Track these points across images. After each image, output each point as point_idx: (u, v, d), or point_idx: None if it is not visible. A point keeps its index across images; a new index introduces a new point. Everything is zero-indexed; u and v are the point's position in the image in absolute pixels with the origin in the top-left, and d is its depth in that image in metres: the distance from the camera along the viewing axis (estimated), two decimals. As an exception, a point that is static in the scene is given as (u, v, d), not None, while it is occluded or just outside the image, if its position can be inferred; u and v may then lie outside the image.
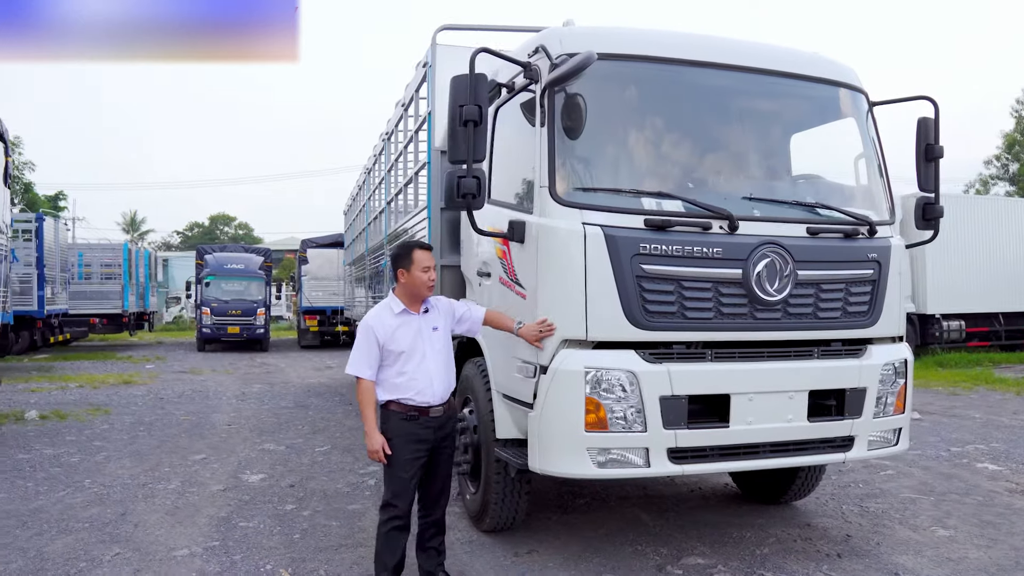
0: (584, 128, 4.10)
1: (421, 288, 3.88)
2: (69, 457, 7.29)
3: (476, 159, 3.96)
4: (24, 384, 13.32)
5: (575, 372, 3.85)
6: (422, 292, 3.90)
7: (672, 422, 3.91)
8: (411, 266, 3.86)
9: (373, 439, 3.76)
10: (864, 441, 4.36)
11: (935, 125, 4.81)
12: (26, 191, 29.18)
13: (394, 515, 3.80)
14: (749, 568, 4.39)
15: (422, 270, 3.86)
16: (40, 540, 4.85)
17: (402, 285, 3.92)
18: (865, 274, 4.37)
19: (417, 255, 3.89)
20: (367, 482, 6.39)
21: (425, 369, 3.85)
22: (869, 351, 4.42)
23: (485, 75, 4.03)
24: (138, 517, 5.35)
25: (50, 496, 5.89)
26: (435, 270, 3.96)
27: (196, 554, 4.61)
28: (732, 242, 4.03)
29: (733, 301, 4.04)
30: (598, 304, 3.88)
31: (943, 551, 4.67)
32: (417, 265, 3.86)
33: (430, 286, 3.90)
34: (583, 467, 3.90)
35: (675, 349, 4.00)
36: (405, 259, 3.89)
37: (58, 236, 17.19)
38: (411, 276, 3.87)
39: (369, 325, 3.84)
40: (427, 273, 3.87)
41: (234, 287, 22.82)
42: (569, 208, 3.96)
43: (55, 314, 17.28)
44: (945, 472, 6.70)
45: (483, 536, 4.96)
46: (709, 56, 4.33)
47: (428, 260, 3.91)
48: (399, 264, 3.91)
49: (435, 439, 3.88)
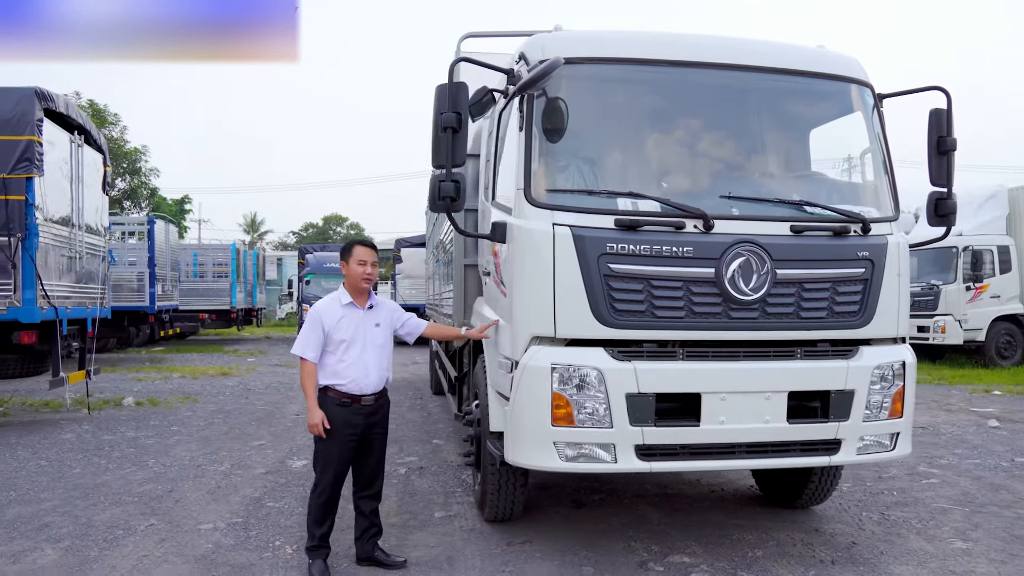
0: (560, 131, 4.21)
1: (357, 280, 4.20)
2: (146, 440, 8.06)
3: (455, 164, 4.16)
4: (134, 373, 14.67)
5: (542, 368, 3.98)
6: (358, 284, 4.21)
7: (639, 419, 3.97)
8: (350, 259, 4.22)
9: (314, 414, 4.13)
10: (852, 445, 4.23)
11: (948, 116, 4.59)
12: (152, 195, 31.82)
13: (323, 490, 4.20)
14: (732, 569, 4.36)
15: (358, 263, 4.19)
16: (93, 510, 5.47)
17: (346, 278, 4.24)
18: (855, 273, 4.24)
19: (356, 250, 4.24)
20: (399, 471, 6.72)
21: (363, 360, 4.17)
22: (861, 352, 4.29)
23: (465, 83, 4.22)
24: (182, 494, 5.90)
25: (116, 473, 6.58)
26: (375, 267, 4.26)
27: (218, 528, 5.07)
28: (705, 241, 4.04)
29: (706, 300, 4.04)
30: (566, 302, 3.99)
31: (950, 564, 4.45)
32: (354, 258, 4.20)
33: (365, 279, 4.21)
34: (550, 460, 4.02)
35: (645, 347, 4.05)
36: (346, 253, 4.27)
37: (169, 237, 18.77)
38: (349, 269, 4.22)
39: (317, 312, 4.21)
40: (363, 267, 4.19)
41: (332, 285, 23.85)
42: (542, 209, 4.09)
43: (165, 310, 18.84)
44: (996, 483, 6.29)
45: (484, 525, 5.15)
46: (689, 55, 4.33)
47: (365, 255, 4.22)
48: (343, 257, 4.28)
49: (365, 424, 4.22)
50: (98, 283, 9.81)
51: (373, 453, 4.33)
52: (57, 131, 8.61)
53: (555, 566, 4.42)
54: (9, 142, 7.72)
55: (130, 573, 4.30)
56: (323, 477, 4.21)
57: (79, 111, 9.27)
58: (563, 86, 4.17)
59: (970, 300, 15.32)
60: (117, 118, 29.76)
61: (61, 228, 8.74)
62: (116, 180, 30.12)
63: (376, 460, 4.36)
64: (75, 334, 9.13)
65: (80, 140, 9.20)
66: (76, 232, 9.11)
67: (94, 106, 28.89)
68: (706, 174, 4.44)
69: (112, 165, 29.65)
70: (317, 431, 4.13)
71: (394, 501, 5.78)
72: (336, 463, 4.19)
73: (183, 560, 4.49)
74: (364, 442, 4.27)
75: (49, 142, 8.19)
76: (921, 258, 16.47)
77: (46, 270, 8.12)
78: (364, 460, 4.32)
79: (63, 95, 8.75)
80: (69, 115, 8.84)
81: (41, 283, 7.86)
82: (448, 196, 4.13)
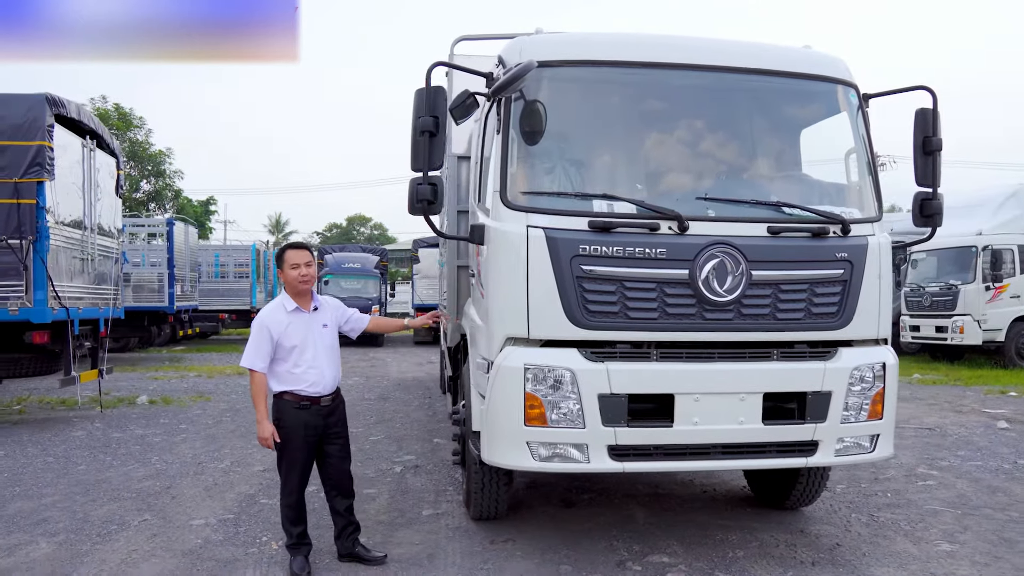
0: (536, 134, 4.24)
1: (295, 283, 4.23)
2: (153, 437, 8.24)
3: (432, 167, 4.21)
4: (152, 372, 14.97)
5: (515, 369, 4.02)
6: (297, 287, 4.25)
7: (612, 420, 3.99)
8: (283, 265, 4.27)
9: (264, 427, 4.16)
10: (830, 446, 4.21)
11: (934, 116, 4.55)
12: (176, 197, 32.36)
13: (290, 492, 4.27)
14: (711, 569, 4.36)
15: (291, 267, 4.22)
16: (91, 505, 5.62)
17: (284, 284, 4.32)
18: (833, 274, 4.22)
19: (288, 255, 4.28)
20: (394, 469, 6.81)
21: (317, 363, 4.23)
22: (839, 354, 4.26)
23: (442, 87, 4.27)
24: (179, 490, 6.04)
25: (119, 469, 6.74)
26: (311, 267, 4.27)
27: (209, 524, 5.18)
28: (678, 243, 4.04)
29: (680, 302, 4.05)
30: (540, 304, 4.03)
31: (932, 566, 4.42)
32: (287, 263, 4.24)
33: (302, 282, 4.24)
34: (524, 460, 4.06)
35: (619, 348, 4.07)
36: (280, 259, 4.32)
37: (188, 239, 19.10)
38: (284, 274, 4.27)
39: (263, 322, 4.22)
40: (297, 270, 4.22)
41: (351, 285, 24.25)
42: (517, 212, 4.13)
43: (185, 310, 19.19)
44: (994, 485, 6.21)
45: (470, 523, 5.20)
46: (667, 57, 4.33)
47: (297, 258, 4.25)
48: (277, 265, 4.34)
49: (324, 425, 4.29)
50: (111, 284, 10.03)
51: (336, 452, 4.38)
52: (69, 136, 8.83)
53: (534, 564, 4.46)
54: (20, 147, 7.94)
55: (118, 567, 4.41)
56: (289, 479, 4.27)
57: (91, 116, 9.49)
58: (540, 89, 4.20)
59: (989, 300, 15.06)
60: (142, 121, 30.35)
61: (73, 231, 8.96)
62: (141, 182, 30.72)
63: (340, 459, 4.41)
64: (88, 334, 9.34)
65: (92, 144, 9.41)
66: (88, 234, 9.33)
67: (120, 110, 29.48)
68: (684, 176, 4.44)
69: (137, 168, 30.27)
70: (267, 445, 4.18)
71: (385, 499, 5.86)
72: (300, 465, 4.26)
73: (171, 555, 4.60)
74: (324, 442, 4.34)
75: (60, 147, 8.40)
76: (941, 258, 16.24)
77: (57, 272, 8.33)
78: (328, 460, 4.38)
79: (75, 101, 8.96)
80: (81, 120, 9.06)
81: (52, 284, 8.07)
82: (425, 199, 4.18)
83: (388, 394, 12.33)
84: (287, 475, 4.29)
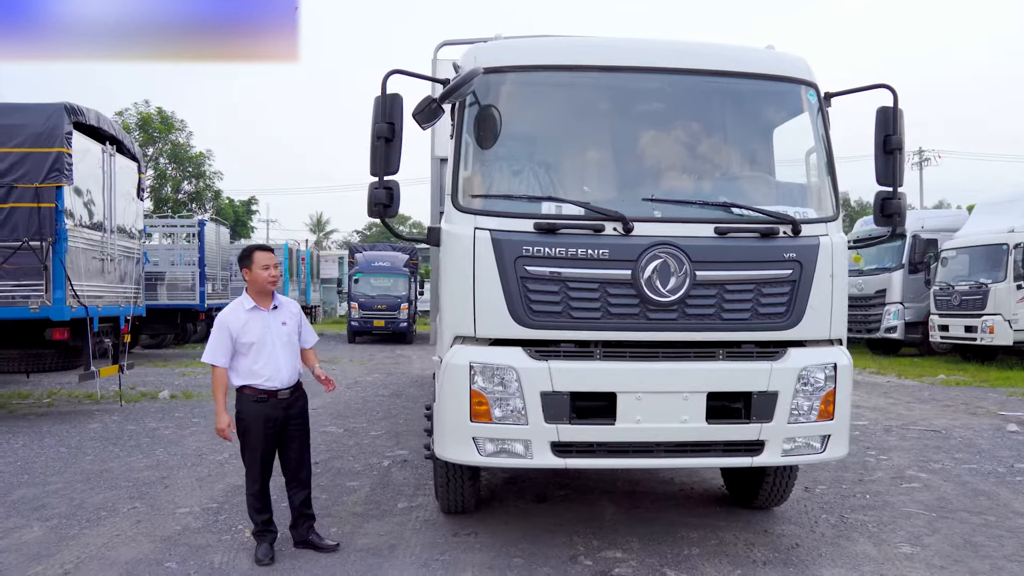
0: (487, 138, 4.36)
1: (263, 283, 4.46)
2: (164, 430, 8.60)
3: (388, 172, 4.37)
4: (181, 368, 15.51)
5: (461, 366, 4.15)
6: (264, 287, 4.48)
7: (554, 417, 4.09)
8: (252, 265, 4.48)
9: (221, 418, 4.43)
10: (777, 446, 4.23)
11: (894, 114, 4.53)
12: (216, 197, 33.31)
13: (254, 480, 4.51)
14: (660, 566, 4.42)
15: (262, 268, 4.46)
16: (89, 493, 5.94)
17: (248, 283, 4.49)
18: (781, 274, 4.24)
19: (256, 255, 4.51)
20: (382, 464, 7.00)
21: (274, 359, 4.43)
22: (788, 354, 4.28)
23: (398, 95, 4.42)
24: (173, 481, 6.33)
25: (123, 460, 7.08)
26: (278, 268, 4.51)
27: (193, 512, 5.43)
28: (622, 243, 4.12)
29: (623, 302, 4.12)
30: (485, 303, 4.15)
31: (885, 568, 4.40)
32: (257, 264, 4.47)
33: (271, 282, 4.48)
34: (470, 455, 4.19)
35: (563, 347, 4.17)
36: (247, 260, 4.53)
37: (219, 238, 19.69)
38: (252, 274, 4.46)
39: (224, 320, 4.48)
40: (267, 271, 4.46)
41: (381, 283, 24.65)
42: (467, 214, 4.26)
43: (216, 307, 19.74)
44: (981, 489, 6.10)
45: (441, 517, 5.35)
46: (618, 60, 4.41)
47: (267, 259, 4.50)
48: (242, 264, 4.54)
49: (284, 417, 4.50)
50: (132, 283, 10.48)
51: (294, 444, 4.60)
52: (88, 142, 9.26)
53: (489, 557, 4.59)
54: (40, 154, 8.37)
55: (98, 550, 4.68)
56: (251, 469, 4.51)
57: (111, 122, 9.92)
58: (489, 94, 4.33)
59: (1021, 299, 14.60)
60: (183, 124, 31.32)
61: (92, 232, 9.39)
62: (183, 183, 31.70)
63: (297, 451, 4.62)
64: (108, 331, 9.78)
65: (112, 150, 9.85)
66: (108, 236, 9.77)
67: (162, 113, 30.47)
68: (634, 178, 4.50)
69: (178, 169, 31.20)
70: (223, 436, 4.45)
71: (366, 492, 6.05)
72: (260, 454, 4.49)
73: (149, 540, 4.86)
74: (284, 433, 4.55)
75: (79, 153, 8.83)
76: (971, 255, 15.83)
77: (76, 272, 8.76)
78: (286, 451, 4.60)
79: (95, 109, 9.40)
80: (100, 127, 9.49)
81: (70, 284, 8.49)
82: (380, 203, 4.33)
83: (403, 391, 12.57)
84: (250, 465, 4.52)
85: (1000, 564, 4.47)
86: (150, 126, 29.63)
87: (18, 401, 10.85)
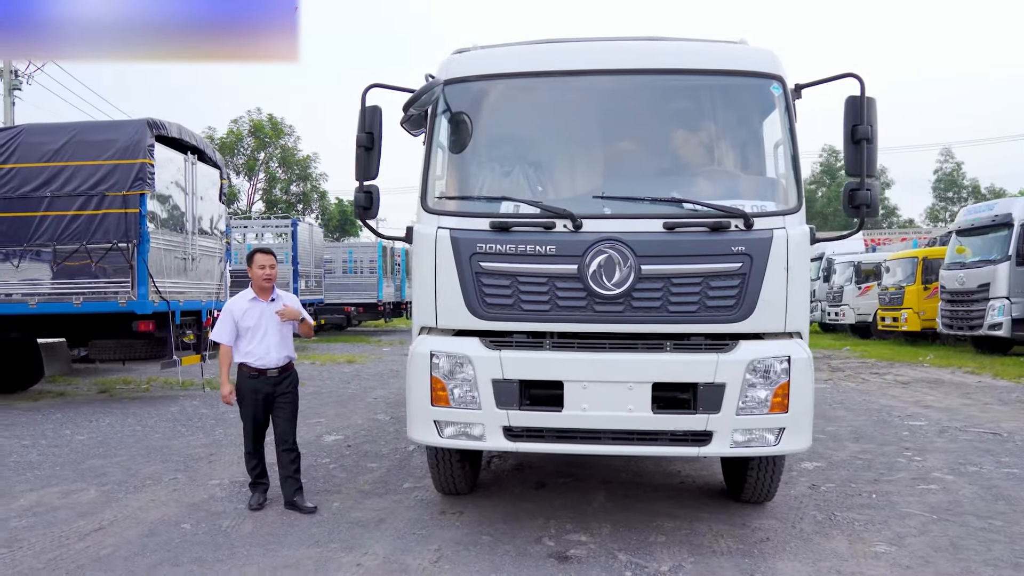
0: (455, 144, 4.70)
1: (259, 280, 5.26)
2: (231, 414, 9.44)
3: (368, 178, 4.77)
4: (273, 358, 16.68)
5: (423, 355, 4.50)
6: (260, 283, 5.27)
7: (504, 403, 4.35)
8: (252, 265, 5.26)
9: (225, 386, 5.38)
10: (726, 437, 4.30)
11: (862, 104, 4.47)
12: (321, 199, 35.28)
13: (247, 441, 5.45)
14: (616, 550, 4.56)
15: (259, 268, 5.23)
16: (144, 464, 6.74)
17: (252, 280, 5.30)
18: (729, 268, 4.30)
19: (256, 257, 5.26)
20: (408, 449, 7.45)
21: (266, 342, 5.23)
22: (737, 346, 4.34)
23: (378, 107, 4.81)
24: (219, 457, 7.04)
25: (185, 439, 7.92)
26: (273, 268, 5.29)
27: (222, 484, 6.08)
28: (569, 239, 4.32)
29: (570, 295, 4.33)
30: (445, 296, 4.48)
31: (846, 565, 4.35)
32: (255, 264, 5.25)
33: (265, 279, 5.24)
34: (432, 437, 4.54)
35: (515, 338, 4.43)
36: (249, 260, 5.29)
37: (313, 238, 21.00)
38: (251, 272, 5.27)
39: (229, 307, 5.32)
40: (263, 271, 5.22)
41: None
42: (432, 215, 4.60)
43: (309, 303, 21.08)
44: (1004, 494, 5.79)
45: (437, 496, 5.72)
46: (577, 64, 4.60)
47: (264, 261, 5.24)
48: (247, 263, 5.31)
49: (273, 391, 5.34)
50: (215, 280, 11.52)
51: (282, 415, 5.38)
52: (170, 152, 10.29)
53: (462, 534, 4.90)
54: (127, 165, 9.43)
55: (134, 511, 5.38)
56: (246, 431, 5.38)
57: (193, 134, 10.94)
58: (454, 103, 4.64)
59: None
60: (292, 129, 33.39)
61: (174, 234, 10.43)
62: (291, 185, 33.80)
63: (284, 420, 5.37)
64: (191, 323, 10.81)
65: (194, 159, 10.88)
66: (189, 237, 10.80)
67: (272, 120, 32.60)
68: (588, 177, 4.69)
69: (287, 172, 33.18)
70: (226, 400, 5.28)
71: (380, 473, 6.51)
72: (251, 420, 5.39)
73: (177, 505, 5.52)
74: (273, 405, 5.32)
75: (161, 163, 9.85)
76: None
77: (159, 270, 9.78)
78: (276, 420, 5.38)
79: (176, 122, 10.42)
80: (182, 139, 10.52)
81: (153, 281, 9.50)
82: (361, 206, 4.75)
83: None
84: (245, 429, 5.39)
85: (974, 568, 4.32)
86: (261, 132, 31.81)
87: (121, 387, 12.18)
